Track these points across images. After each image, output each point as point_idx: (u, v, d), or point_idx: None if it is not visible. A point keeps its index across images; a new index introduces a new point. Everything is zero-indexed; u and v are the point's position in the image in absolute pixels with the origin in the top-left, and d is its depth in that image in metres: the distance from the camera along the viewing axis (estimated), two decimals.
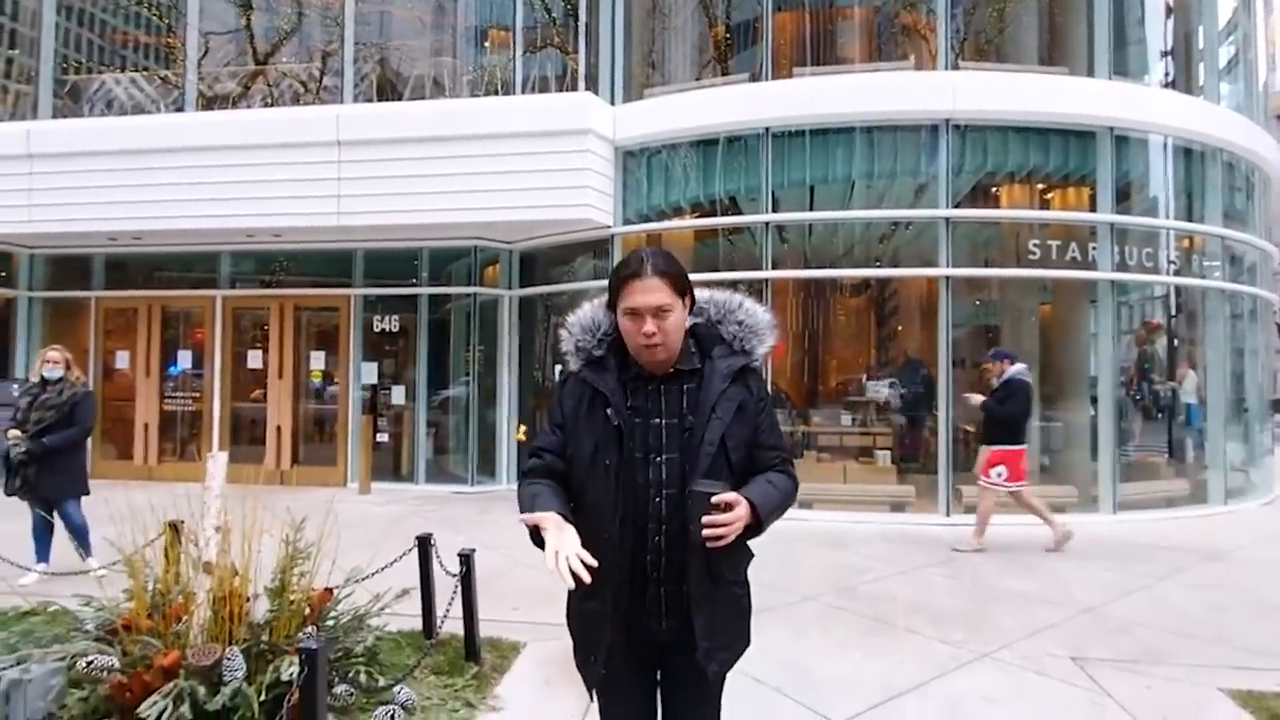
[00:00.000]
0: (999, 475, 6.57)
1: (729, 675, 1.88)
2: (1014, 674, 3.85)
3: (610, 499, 1.73)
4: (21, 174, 8.99)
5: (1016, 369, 6.67)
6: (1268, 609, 4.95)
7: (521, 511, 1.71)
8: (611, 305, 1.80)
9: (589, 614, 1.81)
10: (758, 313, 1.85)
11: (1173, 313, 9.40)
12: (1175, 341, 9.37)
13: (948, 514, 7.70)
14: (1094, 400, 8.27)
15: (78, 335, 10.39)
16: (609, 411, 1.75)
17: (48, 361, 5.50)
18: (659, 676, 1.93)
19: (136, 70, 10.13)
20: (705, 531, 1.60)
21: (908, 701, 3.52)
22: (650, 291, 1.72)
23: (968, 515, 7.72)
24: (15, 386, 9.61)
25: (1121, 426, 8.25)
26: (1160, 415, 9.10)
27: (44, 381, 5.45)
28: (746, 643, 1.91)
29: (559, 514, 1.64)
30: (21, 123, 9.52)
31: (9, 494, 5.34)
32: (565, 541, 1.58)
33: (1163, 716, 3.38)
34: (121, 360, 10.31)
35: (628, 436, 1.74)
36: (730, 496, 1.62)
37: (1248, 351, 9.74)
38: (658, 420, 1.76)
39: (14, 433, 5.30)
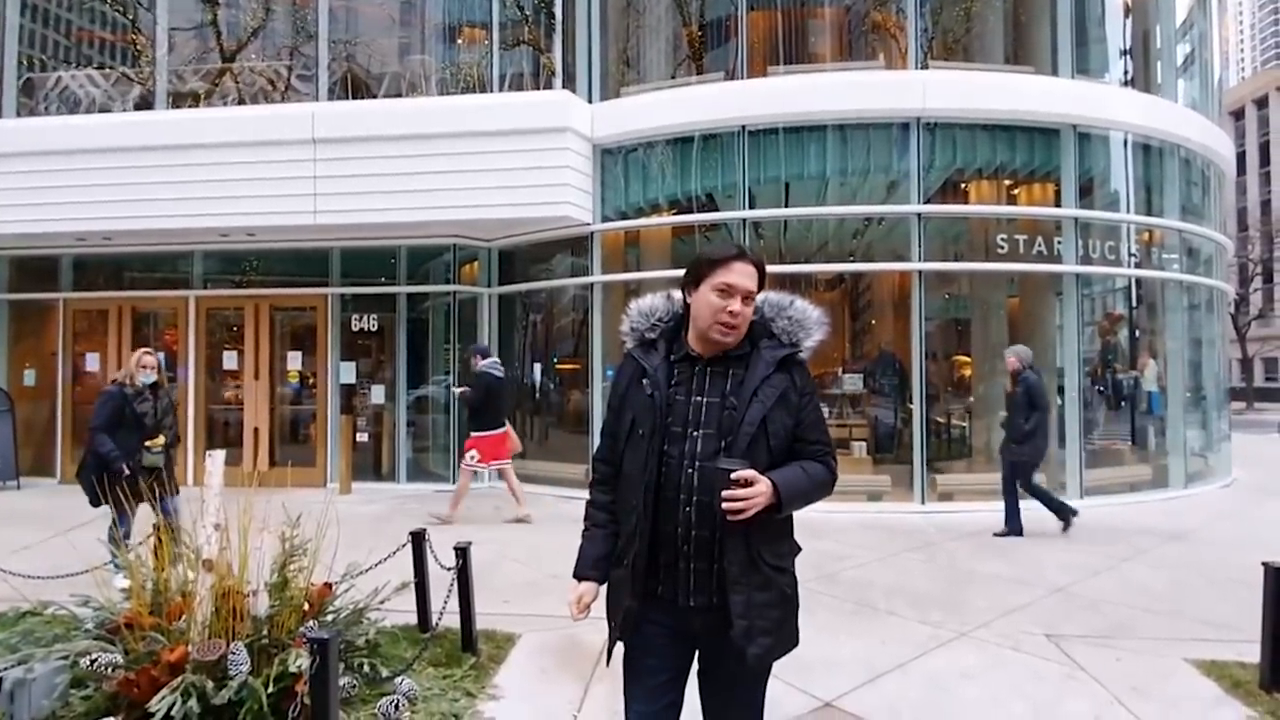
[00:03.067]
0: (472, 458, 7.42)
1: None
2: (991, 651, 4.01)
3: (640, 466, 1.85)
4: None
5: (486, 364, 7.52)
6: (1226, 585, 5.20)
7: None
8: (694, 283, 1.91)
9: (616, 580, 1.92)
10: (808, 309, 1.96)
11: (1134, 304, 9.72)
12: (1136, 332, 9.70)
13: (923, 502, 7.91)
14: (1060, 390, 8.54)
15: (44, 338, 10.19)
16: (645, 382, 1.89)
17: (145, 367, 5.31)
18: (697, 672, 1.96)
19: (101, 69, 9.94)
20: (724, 505, 1.70)
21: (890, 679, 3.66)
22: (748, 276, 1.87)
23: (943, 503, 7.97)
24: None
25: (1087, 415, 8.53)
26: (1123, 404, 9.41)
27: (151, 386, 5.28)
28: (794, 640, 1.92)
29: (586, 579, 1.96)
30: None
31: (96, 505, 5.01)
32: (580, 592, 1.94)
33: (1132, 686, 3.56)
34: (92, 363, 10.11)
35: (663, 410, 1.86)
36: (749, 474, 1.71)
37: (1205, 341, 10.12)
38: (699, 398, 1.86)
39: (159, 440, 5.15)
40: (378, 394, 9.69)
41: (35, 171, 8.68)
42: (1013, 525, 6.74)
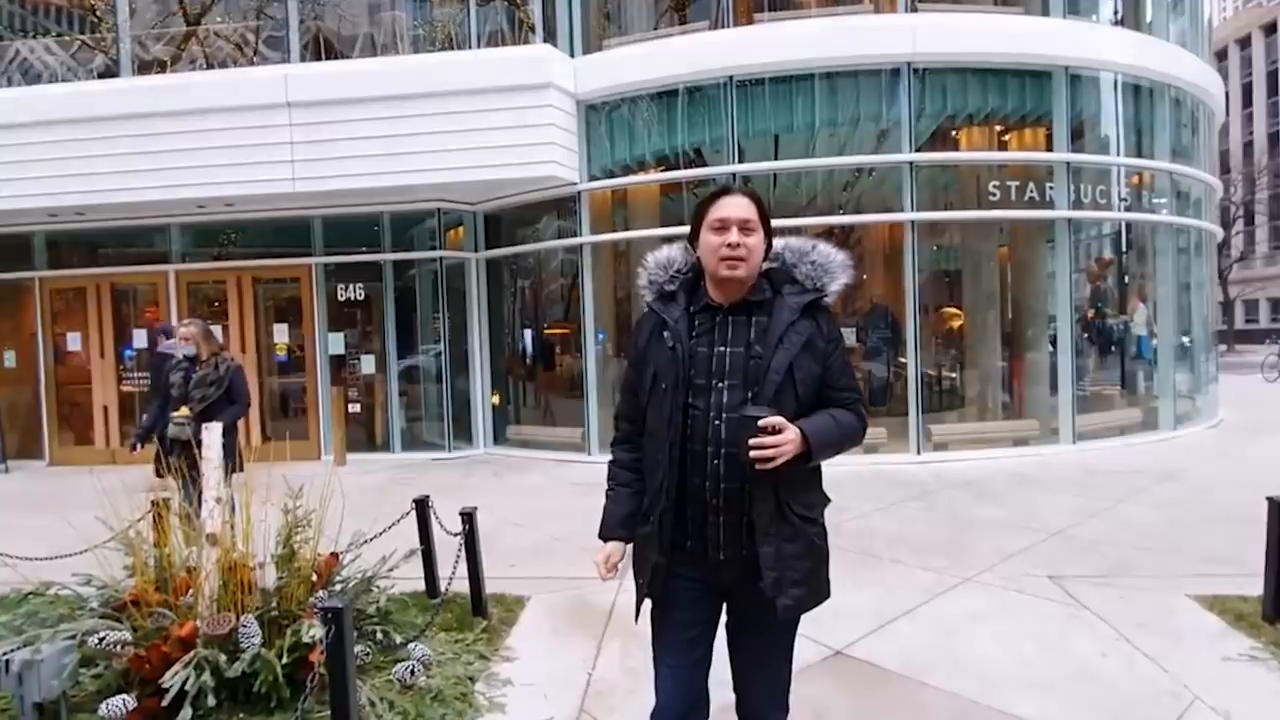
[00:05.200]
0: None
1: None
2: (996, 594, 4.06)
3: (664, 421, 1.80)
4: None
5: (167, 345, 7.76)
6: (1221, 522, 5.28)
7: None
8: (694, 235, 1.88)
9: (643, 537, 1.89)
10: (831, 253, 1.90)
11: (1124, 249, 9.73)
12: (1126, 276, 9.72)
13: (919, 452, 7.96)
14: (1053, 339, 8.57)
15: (22, 319, 9.95)
16: (666, 334, 1.83)
17: (183, 339, 5.17)
18: (726, 626, 1.95)
19: (60, 38, 9.54)
20: (752, 454, 1.65)
21: (900, 625, 3.70)
22: (738, 207, 1.82)
23: (938, 453, 8.04)
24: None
25: (1078, 362, 8.58)
26: (1113, 349, 9.47)
27: (191, 357, 5.14)
28: (826, 592, 1.90)
29: (612, 538, 1.93)
30: None
31: (160, 476, 4.92)
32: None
33: (1137, 623, 3.61)
34: (73, 342, 9.90)
35: (685, 362, 1.80)
36: (777, 421, 1.66)
37: (1194, 284, 10.16)
38: (723, 348, 1.81)
39: (183, 411, 4.99)
40: (368, 364, 9.57)
41: (0, 146, 8.37)
42: None
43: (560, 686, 3.12)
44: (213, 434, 3.00)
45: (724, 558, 1.80)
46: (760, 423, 1.65)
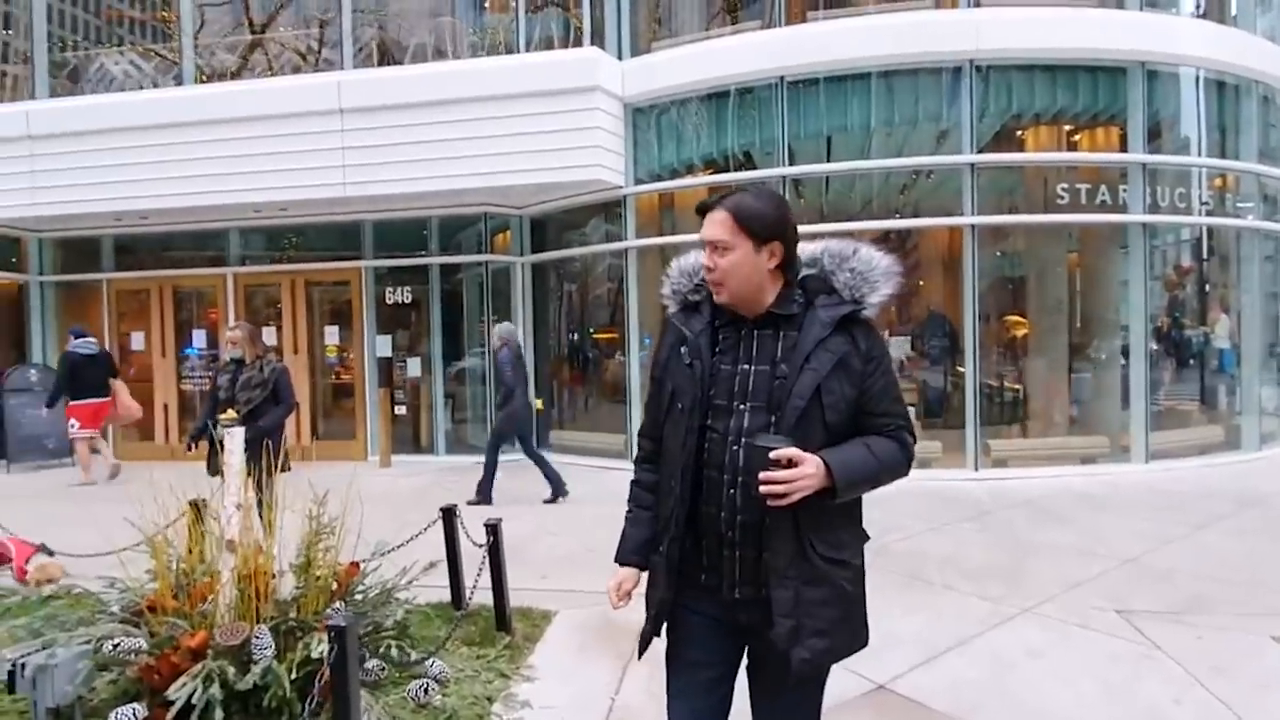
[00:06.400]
0: (73, 426, 8.33)
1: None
2: (1057, 628, 3.75)
3: (679, 444, 1.65)
4: (23, 156, 8.87)
5: (75, 344, 8.47)
6: None
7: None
8: None
9: (654, 565, 1.75)
10: (874, 258, 1.68)
11: (1204, 255, 9.11)
12: (1207, 285, 9.09)
13: (976, 469, 7.57)
14: (1125, 350, 8.06)
15: (91, 318, 10.36)
16: (684, 350, 1.68)
17: (230, 343, 5.27)
18: (746, 669, 1.78)
19: (132, 48, 9.92)
20: (762, 488, 1.48)
21: (950, 658, 3.44)
22: (709, 225, 1.66)
23: (997, 469, 7.64)
24: (33, 371, 9.67)
25: (1153, 375, 8.04)
26: (1192, 362, 8.87)
27: (238, 360, 5.24)
28: (858, 639, 1.70)
29: (627, 564, 1.80)
30: (21, 104, 9.38)
31: (213, 474, 5.19)
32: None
33: (1214, 667, 3.28)
34: (137, 342, 10.29)
35: (705, 381, 1.65)
36: (792, 453, 1.48)
37: None
38: (746, 366, 1.64)
39: (230, 414, 5.14)
40: (414, 367, 9.65)
41: (70, 152, 8.74)
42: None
43: (581, 711, 2.99)
44: (235, 440, 2.96)
45: (739, 596, 1.63)
46: (772, 455, 1.47)
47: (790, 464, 1.48)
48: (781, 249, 1.65)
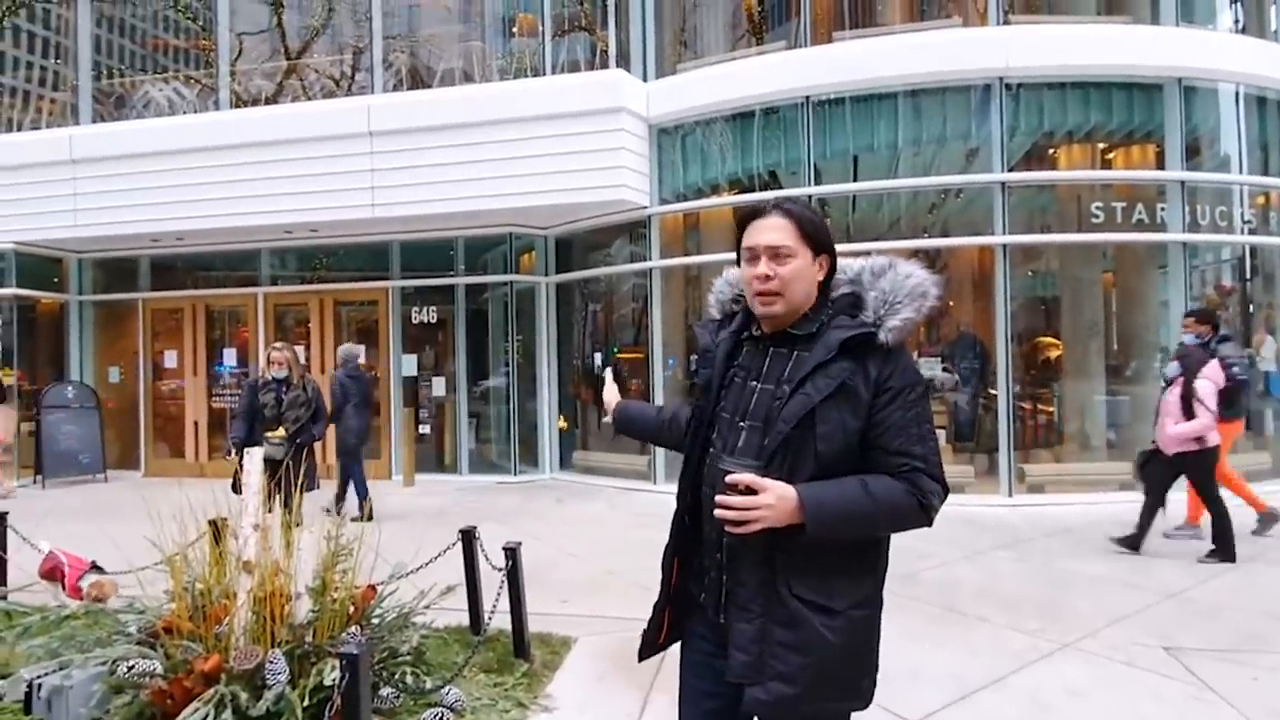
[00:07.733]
0: None
1: None
2: (1101, 665, 3.57)
3: (686, 455, 1.67)
4: (65, 179, 9.14)
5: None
6: None
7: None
8: (738, 261, 1.65)
9: (661, 581, 1.73)
10: (904, 278, 1.52)
11: (1247, 275, 8.82)
12: (1251, 305, 8.80)
13: (1010, 494, 7.35)
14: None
15: (127, 337, 10.59)
16: (697, 359, 1.67)
17: (274, 364, 5.37)
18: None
19: (173, 75, 10.21)
20: (716, 512, 1.42)
21: (986, 696, 3.28)
22: (767, 230, 1.54)
23: (1031, 495, 7.41)
24: (70, 389, 9.84)
25: None
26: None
27: (282, 380, 5.34)
28: (847, 695, 1.49)
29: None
30: (64, 129, 9.68)
31: (238, 492, 5.23)
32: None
33: (1271, 711, 3.09)
34: (170, 360, 10.47)
35: (715, 394, 1.61)
36: (748, 478, 1.39)
37: None
38: (755, 383, 1.57)
39: (279, 433, 5.20)
40: (439, 386, 9.69)
41: (110, 175, 8.99)
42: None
43: None
44: (254, 460, 2.94)
45: (722, 620, 1.57)
46: (728, 479, 1.39)
47: (750, 491, 1.39)
48: (828, 262, 1.58)
